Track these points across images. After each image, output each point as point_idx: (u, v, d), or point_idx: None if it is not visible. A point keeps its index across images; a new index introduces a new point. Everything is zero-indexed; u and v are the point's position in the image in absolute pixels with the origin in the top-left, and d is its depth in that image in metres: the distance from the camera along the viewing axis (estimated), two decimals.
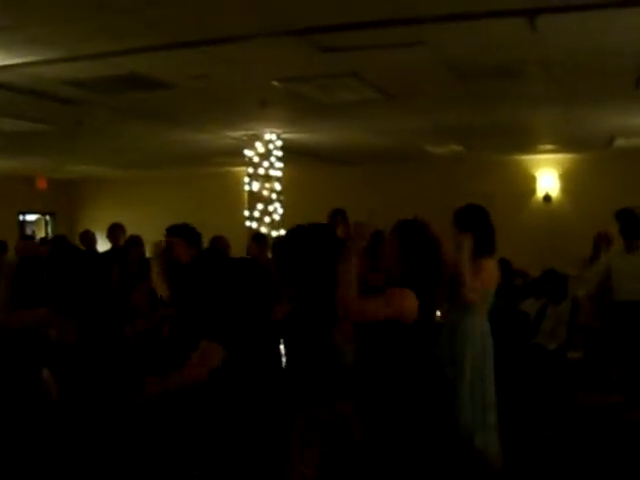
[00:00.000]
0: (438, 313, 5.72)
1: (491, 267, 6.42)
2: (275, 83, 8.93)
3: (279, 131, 12.87)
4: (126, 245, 10.07)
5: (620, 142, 14.59)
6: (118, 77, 8.39)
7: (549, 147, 15.92)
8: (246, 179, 13.14)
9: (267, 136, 12.91)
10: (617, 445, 7.38)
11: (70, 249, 7.67)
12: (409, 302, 4.41)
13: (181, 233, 7.11)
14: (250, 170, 13.05)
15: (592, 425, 8.17)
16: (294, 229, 5.08)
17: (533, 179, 17.17)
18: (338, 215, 10.26)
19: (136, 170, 18.79)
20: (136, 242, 10.02)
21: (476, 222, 6.39)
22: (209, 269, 6.52)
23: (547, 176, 17.09)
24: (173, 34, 6.94)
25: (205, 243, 10.58)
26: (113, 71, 8.14)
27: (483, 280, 6.25)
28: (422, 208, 14.74)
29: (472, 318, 6.29)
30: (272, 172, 13.00)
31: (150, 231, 11.12)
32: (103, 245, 11.99)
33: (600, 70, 8.53)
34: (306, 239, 5.09)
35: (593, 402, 8.95)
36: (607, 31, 6.97)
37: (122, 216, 13.54)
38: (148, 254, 8.06)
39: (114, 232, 10.93)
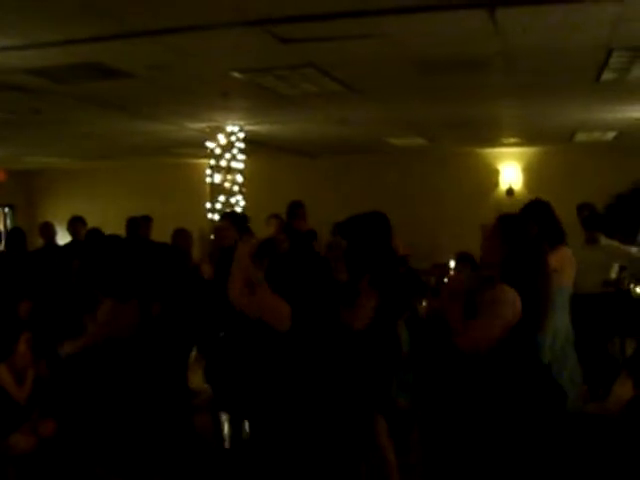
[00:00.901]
0: None
1: (567, 255, 6.51)
2: (236, 74, 8.87)
3: (241, 123, 12.80)
4: (86, 238, 9.99)
5: (581, 136, 14.70)
6: (77, 66, 8.28)
7: (512, 140, 15.99)
8: (208, 171, 13.06)
9: (229, 128, 12.84)
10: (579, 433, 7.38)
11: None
12: (517, 304, 4.22)
13: (230, 218, 8.00)
14: (212, 162, 12.98)
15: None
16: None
17: (496, 172, 17.23)
18: (298, 207, 10.23)
19: (97, 161, 18.63)
20: (96, 235, 9.93)
21: (542, 215, 6.48)
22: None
23: (510, 169, 17.16)
24: (132, 23, 6.84)
25: (167, 235, 10.58)
26: (71, 59, 8.03)
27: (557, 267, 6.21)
28: (385, 200, 14.81)
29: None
30: (234, 164, 12.93)
31: (111, 223, 11.04)
32: (63, 238, 11.86)
33: (561, 64, 8.56)
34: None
35: None
36: (567, 25, 6.98)
37: (83, 208, 13.45)
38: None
39: (74, 224, 10.81)
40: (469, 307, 4.31)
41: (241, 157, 13.06)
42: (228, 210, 12.73)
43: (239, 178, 12.98)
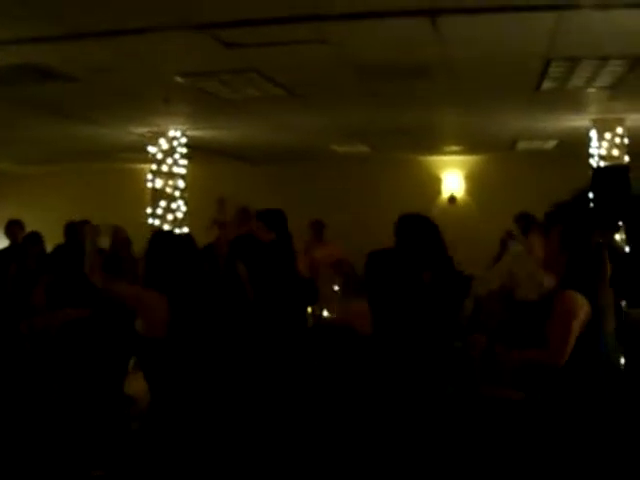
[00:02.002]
0: None
1: None
2: (179, 78, 8.82)
3: (183, 128, 12.72)
4: (24, 242, 9.84)
5: (523, 145, 14.87)
6: (16, 67, 8.11)
7: (454, 148, 16.10)
8: (149, 176, 12.95)
9: (171, 133, 12.74)
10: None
11: None
12: (586, 309, 4.32)
13: (262, 218, 7.85)
14: (153, 167, 12.87)
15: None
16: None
17: (438, 180, 17.33)
18: (244, 213, 10.24)
19: (36, 165, 18.31)
20: (35, 239, 9.81)
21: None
22: None
23: (452, 177, 17.27)
24: (74, 25, 6.76)
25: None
26: (11, 60, 7.87)
27: None
28: (327, 208, 14.74)
29: None
30: (176, 169, 12.84)
31: (50, 228, 10.87)
32: (1, 242, 11.69)
33: (501, 73, 8.66)
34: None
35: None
36: (507, 35, 7.08)
37: (21, 212, 13.21)
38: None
39: (12, 229, 10.64)
40: (542, 317, 4.38)
41: (183, 162, 12.97)
42: (170, 216, 12.64)
43: (180, 183, 12.89)
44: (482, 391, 7.96)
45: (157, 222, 12.53)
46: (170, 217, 12.61)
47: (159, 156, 12.80)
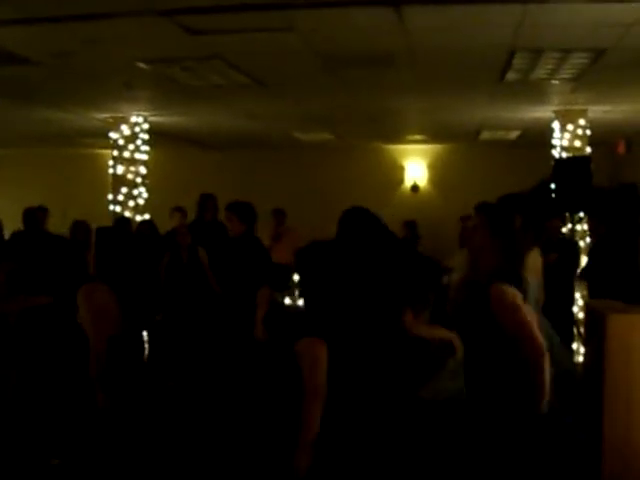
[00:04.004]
0: None
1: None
2: (141, 64, 8.73)
3: (146, 114, 12.60)
4: None
5: (486, 135, 14.92)
6: None
7: (418, 137, 16.11)
8: (111, 162, 12.82)
9: (133, 119, 12.61)
10: None
11: None
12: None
13: (234, 209, 7.89)
14: (115, 153, 12.74)
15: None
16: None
17: (401, 169, 17.34)
18: (208, 200, 10.24)
19: None
20: None
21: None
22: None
23: (415, 166, 17.29)
24: (35, 8, 6.67)
25: (66, 227, 10.37)
26: None
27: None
28: (291, 195, 14.68)
29: None
30: (137, 155, 12.71)
31: (10, 213, 10.77)
32: None
33: (466, 63, 8.67)
34: None
35: None
36: (472, 25, 7.09)
37: None
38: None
39: None
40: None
41: (145, 148, 12.86)
42: (131, 203, 12.54)
43: (142, 170, 12.77)
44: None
45: (118, 209, 12.41)
46: (131, 204, 12.49)
47: (121, 142, 12.68)
